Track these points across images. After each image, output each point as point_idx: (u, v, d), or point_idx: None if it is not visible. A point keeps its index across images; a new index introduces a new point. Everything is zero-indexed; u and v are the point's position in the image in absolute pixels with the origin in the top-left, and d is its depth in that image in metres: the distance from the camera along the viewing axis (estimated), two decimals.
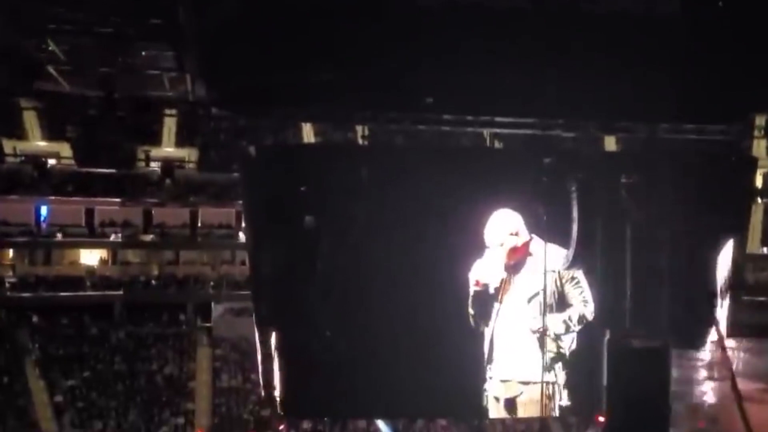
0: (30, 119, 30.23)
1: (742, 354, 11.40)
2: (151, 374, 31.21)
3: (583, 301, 11.46)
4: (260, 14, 10.94)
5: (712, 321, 10.83)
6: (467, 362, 11.97)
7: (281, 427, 24.23)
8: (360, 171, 12.18)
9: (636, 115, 11.86)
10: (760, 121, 18.41)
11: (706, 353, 10.76)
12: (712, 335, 10.87)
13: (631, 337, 8.82)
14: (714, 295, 10.95)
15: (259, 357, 13.98)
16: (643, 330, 9.67)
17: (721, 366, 10.46)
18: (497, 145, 15.21)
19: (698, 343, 11.03)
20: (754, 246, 27.36)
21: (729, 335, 10.99)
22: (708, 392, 10.90)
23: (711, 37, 11.11)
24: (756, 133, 18.98)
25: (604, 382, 8.17)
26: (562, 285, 11.27)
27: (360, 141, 14.16)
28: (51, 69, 16.02)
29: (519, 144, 13.64)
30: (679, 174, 11.53)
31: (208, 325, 32.75)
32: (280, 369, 13.12)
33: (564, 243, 11.01)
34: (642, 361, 7.68)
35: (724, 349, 10.62)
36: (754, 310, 15.44)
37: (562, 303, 11.29)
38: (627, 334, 9.55)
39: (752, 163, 14.55)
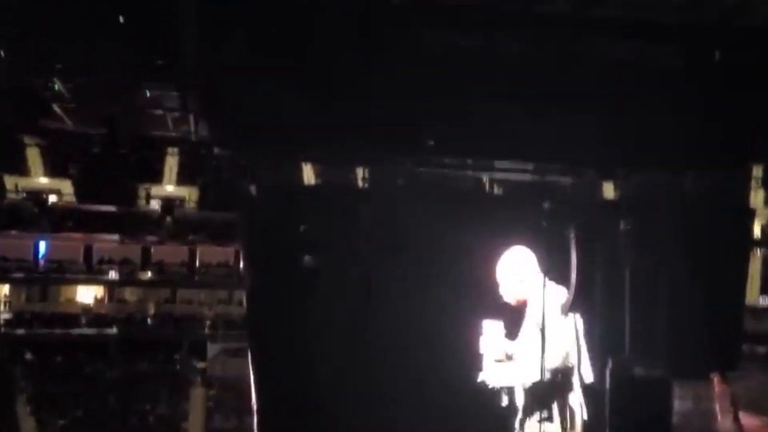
0: (33, 156, 30.45)
1: (743, 387, 11.34)
2: (144, 414, 31.01)
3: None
4: (264, 56, 11.08)
5: (714, 353, 10.81)
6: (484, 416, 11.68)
7: None
8: (360, 212, 12.23)
9: (634, 162, 11.95)
10: (757, 171, 18.57)
11: (708, 385, 10.69)
12: (716, 369, 10.84)
13: (633, 367, 8.78)
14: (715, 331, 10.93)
15: (254, 399, 13.88)
16: (645, 361, 9.66)
17: (724, 399, 10.42)
18: (496, 189, 15.30)
19: (701, 374, 10.97)
20: (752, 296, 27.38)
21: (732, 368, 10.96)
22: (710, 425, 10.82)
23: (709, 87, 11.25)
24: (754, 183, 19.12)
25: (606, 412, 8.07)
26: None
27: (360, 182, 14.24)
28: (56, 107, 16.19)
29: (518, 189, 13.73)
30: (677, 222, 11.60)
31: (202, 365, 32.63)
32: (273, 414, 12.99)
33: (563, 287, 11.05)
34: (644, 391, 7.62)
35: (726, 381, 10.59)
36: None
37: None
38: (629, 364, 9.53)
39: (750, 213, 14.64)
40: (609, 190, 13.88)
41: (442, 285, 11.51)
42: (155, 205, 30.46)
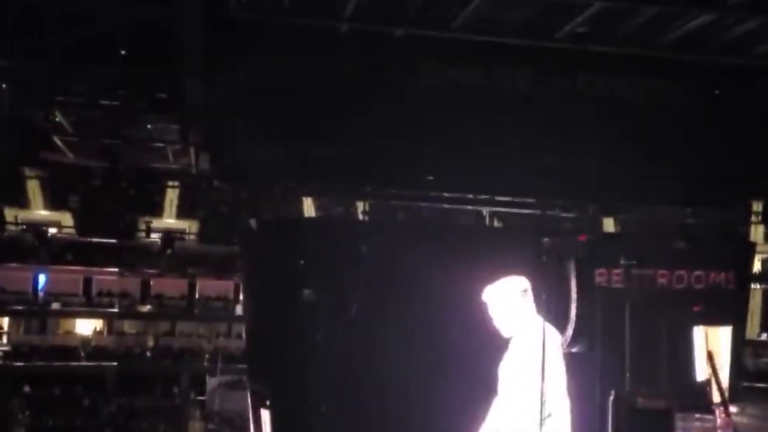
0: (33, 188, 30.49)
1: (745, 419, 11.25)
2: None
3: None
4: (264, 91, 11.14)
5: (713, 385, 10.73)
6: None
7: None
8: (360, 245, 12.19)
9: (634, 197, 11.97)
10: (757, 207, 18.56)
11: (709, 417, 10.60)
12: (716, 398, 10.75)
13: (636, 397, 8.66)
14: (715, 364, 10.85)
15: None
16: (648, 393, 9.55)
17: (725, 430, 10.32)
18: (496, 223, 15.31)
19: (702, 405, 10.86)
20: (753, 332, 27.27)
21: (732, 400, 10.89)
22: None
23: (709, 124, 11.29)
24: (754, 218, 19.12)
25: None
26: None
27: (360, 216, 14.25)
28: (57, 139, 16.23)
29: (518, 223, 13.75)
30: (677, 258, 11.57)
31: (201, 398, 32.42)
32: None
33: (561, 323, 10.99)
34: (646, 423, 7.50)
35: (728, 412, 10.50)
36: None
37: None
38: (631, 396, 9.42)
39: (750, 249, 14.61)
40: (609, 225, 13.90)
41: (442, 321, 11.45)
42: (155, 237, 30.43)
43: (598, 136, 10.98)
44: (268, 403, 12.88)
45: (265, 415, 12.91)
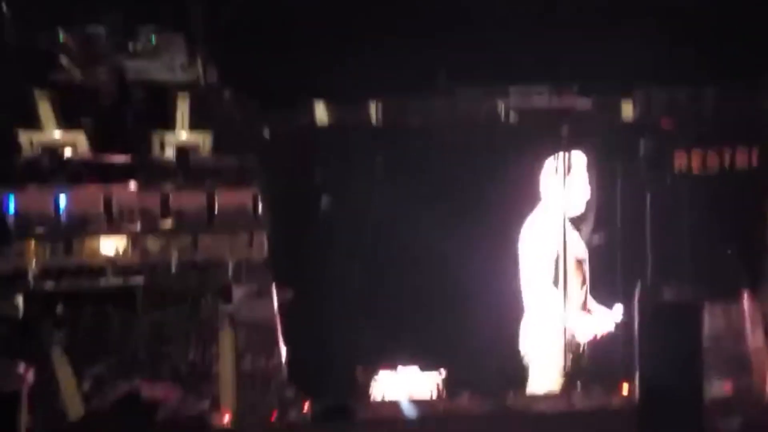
0: (45, 110, 30.30)
1: None
2: (174, 359, 31.44)
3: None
4: None
5: (742, 273, 10.76)
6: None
7: (305, 406, 24.35)
8: (374, 149, 12.14)
9: (653, 80, 11.72)
10: None
11: (737, 305, 10.64)
12: (744, 287, 10.79)
13: (663, 291, 8.65)
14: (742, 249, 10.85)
15: (281, 339, 14.02)
16: (674, 284, 9.56)
17: (754, 315, 10.38)
18: (512, 116, 15.09)
19: (730, 293, 10.90)
20: None
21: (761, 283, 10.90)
22: (741, 344, 10.78)
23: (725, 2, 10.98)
24: None
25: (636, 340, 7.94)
26: None
27: (373, 120, 14.09)
28: (63, 60, 16.02)
29: (534, 114, 13.55)
30: (700, 139, 11.41)
31: (229, 308, 32.86)
32: (302, 350, 13.14)
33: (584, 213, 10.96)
34: (673, 316, 7.44)
35: (756, 300, 10.54)
36: None
37: None
38: (658, 288, 9.43)
39: None
40: (628, 110, 13.66)
41: (461, 218, 11.46)
42: (170, 152, 30.25)
43: (614, 18, 10.70)
44: (293, 307, 13.07)
45: (291, 319, 13.11)
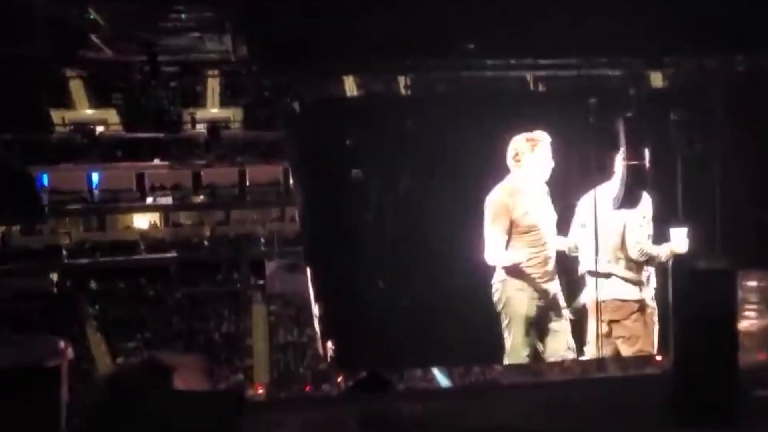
0: (76, 88, 30.59)
1: None
2: (208, 333, 31.83)
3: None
4: None
5: None
6: None
7: (339, 379, 24.59)
8: (405, 121, 12.15)
9: (683, 49, 11.59)
10: None
11: None
12: None
13: (696, 260, 8.57)
14: None
15: (314, 312, 14.15)
16: (707, 253, 9.51)
17: None
18: (541, 87, 14.99)
19: (764, 262, 10.80)
20: None
21: None
22: None
23: None
24: None
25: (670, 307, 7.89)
26: None
27: (402, 91, 14.07)
28: (93, 37, 16.12)
29: (563, 85, 13.46)
30: (729, 107, 11.30)
31: (261, 282, 33.18)
32: (335, 322, 13.28)
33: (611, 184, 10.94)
34: (707, 283, 7.36)
35: None
36: None
37: None
38: (691, 257, 9.38)
39: None
40: (657, 80, 13.53)
41: (490, 188, 11.48)
42: (201, 128, 30.55)
43: None
44: (325, 279, 13.19)
45: (325, 294, 13.23)
